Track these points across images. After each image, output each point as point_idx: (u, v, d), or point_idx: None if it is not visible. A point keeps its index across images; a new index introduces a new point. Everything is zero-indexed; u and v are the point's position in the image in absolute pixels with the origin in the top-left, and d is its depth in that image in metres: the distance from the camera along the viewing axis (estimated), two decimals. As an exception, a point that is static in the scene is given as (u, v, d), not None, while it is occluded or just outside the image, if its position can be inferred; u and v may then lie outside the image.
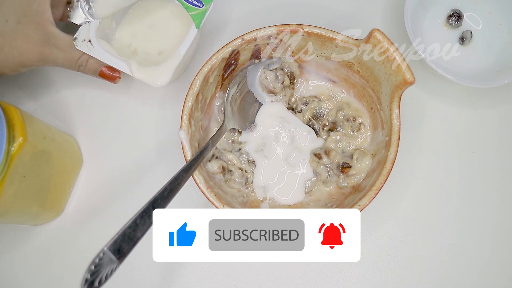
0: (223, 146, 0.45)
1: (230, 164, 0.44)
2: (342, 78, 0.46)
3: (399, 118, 0.40)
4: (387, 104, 0.41)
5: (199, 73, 0.42)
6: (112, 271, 0.32)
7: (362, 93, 0.46)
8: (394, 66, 0.39)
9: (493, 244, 0.47)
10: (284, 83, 0.46)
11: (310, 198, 0.45)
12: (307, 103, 0.47)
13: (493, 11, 0.52)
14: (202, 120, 0.44)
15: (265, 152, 0.45)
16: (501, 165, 0.49)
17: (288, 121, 0.46)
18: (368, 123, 0.46)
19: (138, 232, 0.33)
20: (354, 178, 0.44)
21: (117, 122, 0.51)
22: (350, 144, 0.46)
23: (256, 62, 0.46)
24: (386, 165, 0.39)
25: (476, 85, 0.47)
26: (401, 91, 0.39)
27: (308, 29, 0.42)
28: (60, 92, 0.51)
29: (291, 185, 0.45)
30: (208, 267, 0.46)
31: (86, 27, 0.45)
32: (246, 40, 0.42)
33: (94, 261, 0.31)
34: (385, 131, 0.42)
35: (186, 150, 0.40)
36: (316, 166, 0.45)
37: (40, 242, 0.47)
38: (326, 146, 0.46)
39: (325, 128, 0.46)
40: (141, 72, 0.43)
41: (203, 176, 0.40)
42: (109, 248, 0.32)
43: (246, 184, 0.45)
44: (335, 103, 0.47)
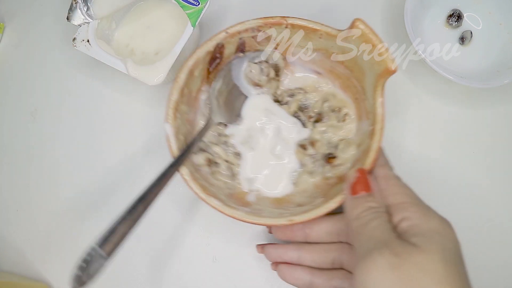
0: (209, 139, 0.45)
1: (216, 156, 0.45)
2: (327, 69, 0.46)
3: (382, 106, 0.40)
4: (371, 94, 0.41)
5: (184, 67, 0.42)
6: (102, 267, 0.33)
7: (347, 84, 0.46)
8: (377, 56, 0.39)
9: (494, 246, 0.46)
10: (269, 75, 0.46)
11: (297, 190, 0.45)
12: (293, 95, 0.47)
13: (493, 11, 0.51)
14: (188, 114, 0.45)
15: (251, 144, 0.46)
16: (501, 165, 0.49)
17: (274, 113, 0.46)
18: (353, 113, 0.46)
19: (127, 227, 0.34)
20: (340, 168, 0.43)
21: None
22: (335, 134, 0.46)
23: (241, 55, 0.46)
24: (370, 154, 0.39)
25: (476, 85, 0.47)
26: (384, 79, 0.39)
27: (292, 21, 0.43)
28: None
29: (278, 177, 0.45)
30: (208, 266, 0.46)
31: (84, 28, 0.46)
32: (230, 34, 0.43)
33: (83, 258, 0.32)
34: (369, 120, 0.42)
35: (171, 143, 0.40)
36: (302, 157, 0.45)
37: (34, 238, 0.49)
38: (312, 137, 0.46)
39: (311, 120, 0.47)
40: (137, 70, 0.44)
41: (188, 169, 0.40)
42: (98, 244, 0.33)
43: (233, 176, 0.45)
44: (321, 95, 0.47)
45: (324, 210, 0.38)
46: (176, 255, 0.47)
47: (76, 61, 0.53)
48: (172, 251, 0.47)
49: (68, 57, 0.53)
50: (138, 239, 0.46)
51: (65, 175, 0.50)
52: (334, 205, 0.38)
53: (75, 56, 0.52)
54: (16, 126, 0.52)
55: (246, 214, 0.39)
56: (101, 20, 0.47)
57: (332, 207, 0.38)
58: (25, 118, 0.52)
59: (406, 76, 0.51)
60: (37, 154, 0.51)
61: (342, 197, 0.38)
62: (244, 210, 0.40)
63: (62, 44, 0.53)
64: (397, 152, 0.49)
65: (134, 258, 0.47)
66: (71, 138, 0.51)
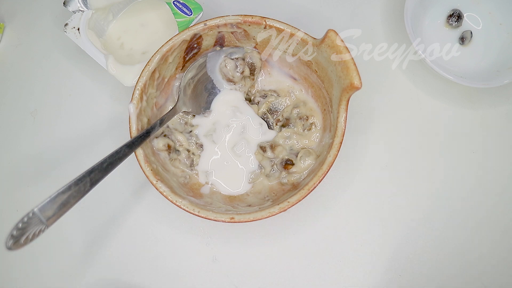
0: (175, 125, 0.46)
1: (178, 144, 0.45)
2: (303, 76, 0.47)
3: (345, 121, 0.40)
4: (336, 107, 0.41)
5: (158, 51, 0.42)
6: (40, 232, 0.33)
7: (318, 93, 0.46)
8: (344, 69, 0.39)
9: (494, 245, 0.46)
10: (244, 73, 0.46)
11: (251, 190, 0.45)
12: (265, 96, 0.47)
13: (493, 11, 0.51)
14: (157, 98, 0.45)
15: (214, 137, 0.46)
16: (501, 165, 0.48)
17: (241, 111, 0.46)
18: (320, 124, 0.46)
19: (71, 198, 0.34)
20: (295, 176, 0.43)
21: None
22: (299, 142, 0.46)
23: (218, 49, 0.46)
24: (323, 167, 0.39)
25: (476, 85, 0.46)
26: (348, 95, 0.39)
27: (271, 23, 0.43)
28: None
29: (236, 175, 0.45)
30: (208, 266, 0.46)
31: (78, 16, 0.47)
32: (208, 26, 0.43)
33: (22, 220, 0.32)
34: (331, 133, 0.42)
35: (132, 123, 0.41)
36: (262, 159, 0.45)
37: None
38: (275, 141, 0.46)
39: (278, 124, 0.47)
40: (117, 68, 0.46)
41: (144, 150, 0.40)
42: (39, 209, 0.32)
43: (191, 166, 0.45)
44: (293, 100, 0.47)
45: (265, 214, 0.38)
46: (176, 255, 0.47)
47: (76, 61, 0.53)
48: (172, 251, 0.47)
49: (68, 57, 0.53)
50: (142, 239, 0.47)
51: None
52: (277, 211, 0.38)
53: (75, 56, 0.52)
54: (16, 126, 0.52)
55: (190, 204, 0.39)
56: (96, 11, 0.48)
57: (275, 212, 0.38)
58: (25, 118, 0.52)
59: (406, 76, 0.51)
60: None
61: (286, 204, 0.38)
62: (190, 200, 0.40)
63: (62, 44, 0.53)
64: (397, 152, 0.49)
65: (134, 258, 0.47)
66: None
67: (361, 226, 0.47)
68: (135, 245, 0.47)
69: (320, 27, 0.44)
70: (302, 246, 0.46)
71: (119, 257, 0.47)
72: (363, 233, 0.46)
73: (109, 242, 0.47)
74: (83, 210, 0.46)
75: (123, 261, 0.47)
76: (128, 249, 0.47)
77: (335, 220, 0.47)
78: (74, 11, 0.47)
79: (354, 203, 0.47)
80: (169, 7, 0.47)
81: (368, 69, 0.47)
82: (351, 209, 0.47)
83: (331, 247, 0.46)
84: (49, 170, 0.50)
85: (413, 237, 0.46)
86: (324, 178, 0.39)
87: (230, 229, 0.47)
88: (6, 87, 0.53)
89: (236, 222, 0.38)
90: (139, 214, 0.48)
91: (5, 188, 0.50)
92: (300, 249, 0.46)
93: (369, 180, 0.48)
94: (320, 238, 0.46)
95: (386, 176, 0.48)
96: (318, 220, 0.47)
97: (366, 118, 0.50)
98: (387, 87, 0.51)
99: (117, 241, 0.47)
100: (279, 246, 0.46)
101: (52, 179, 0.49)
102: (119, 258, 0.47)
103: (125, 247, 0.47)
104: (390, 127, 0.50)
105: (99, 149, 0.49)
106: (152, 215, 0.48)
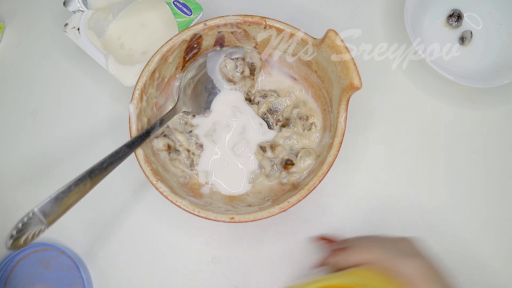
0: (175, 125, 0.46)
1: (178, 144, 0.45)
2: (303, 76, 0.47)
3: (345, 121, 0.40)
4: (336, 107, 0.41)
5: (158, 51, 0.42)
6: (40, 232, 0.33)
7: (318, 93, 0.46)
8: (344, 69, 0.39)
9: (494, 245, 0.46)
10: (244, 73, 0.46)
11: (251, 190, 0.45)
12: (265, 96, 0.47)
13: (493, 11, 0.51)
14: (157, 98, 0.45)
15: (214, 137, 0.46)
16: (501, 165, 0.49)
17: (242, 111, 0.46)
18: (320, 124, 0.46)
19: (71, 198, 0.34)
20: (295, 176, 0.44)
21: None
22: (299, 142, 0.46)
23: (219, 49, 0.46)
24: (323, 167, 0.39)
25: (476, 85, 0.46)
26: (348, 95, 0.39)
27: (271, 23, 0.43)
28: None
29: (236, 175, 0.45)
30: (208, 266, 0.46)
31: (78, 16, 0.47)
32: (208, 26, 0.43)
33: (22, 220, 0.32)
34: (331, 133, 0.42)
35: (132, 123, 0.41)
36: (262, 159, 0.45)
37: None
38: (275, 141, 0.46)
39: (278, 124, 0.47)
40: (117, 68, 0.46)
41: (144, 150, 0.40)
42: (39, 210, 0.32)
43: (191, 166, 0.45)
44: (293, 100, 0.47)
45: (265, 214, 0.38)
46: (176, 255, 0.47)
47: (76, 61, 0.53)
48: (172, 251, 0.47)
49: (68, 57, 0.53)
50: (142, 239, 0.47)
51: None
52: (277, 211, 0.38)
53: (75, 56, 0.52)
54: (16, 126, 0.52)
55: (190, 204, 0.39)
56: (96, 11, 0.48)
57: (275, 212, 0.38)
58: (25, 118, 0.52)
59: (406, 76, 0.51)
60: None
61: (286, 204, 0.38)
62: (190, 200, 0.40)
63: (62, 44, 0.53)
64: (397, 152, 0.49)
65: (134, 258, 0.47)
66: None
67: (361, 226, 0.47)
68: (135, 245, 0.47)
69: (320, 27, 0.44)
70: (302, 246, 0.46)
71: (119, 257, 0.47)
72: (363, 233, 0.46)
73: (109, 242, 0.47)
74: (83, 210, 0.46)
75: (123, 261, 0.47)
76: (128, 249, 0.47)
77: (335, 220, 0.47)
78: (74, 11, 0.48)
79: (354, 203, 0.47)
80: (169, 7, 0.47)
81: (368, 69, 0.47)
82: (351, 209, 0.47)
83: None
84: (49, 170, 0.50)
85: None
86: (324, 178, 0.39)
87: (230, 229, 0.47)
88: (6, 87, 0.53)
89: (236, 222, 0.38)
90: (139, 214, 0.48)
91: (5, 188, 0.50)
92: (300, 249, 0.46)
93: (369, 180, 0.48)
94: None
95: (386, 176, 0.48)
96: (318, 220, 0.47)
97: (366, 118, 0.50)
98: (387, 87, 0.51)
99: (117, 241, 0.47)
100: (279, 246, 0.46)
101: (52, 179, 0.49)
102: (119, 258, 0.47)
103: (125, 247, 0.47)
104: (390, 127, 0.50)
105: (99, 149, 0.49)
106: (152, 215, 0.48)
